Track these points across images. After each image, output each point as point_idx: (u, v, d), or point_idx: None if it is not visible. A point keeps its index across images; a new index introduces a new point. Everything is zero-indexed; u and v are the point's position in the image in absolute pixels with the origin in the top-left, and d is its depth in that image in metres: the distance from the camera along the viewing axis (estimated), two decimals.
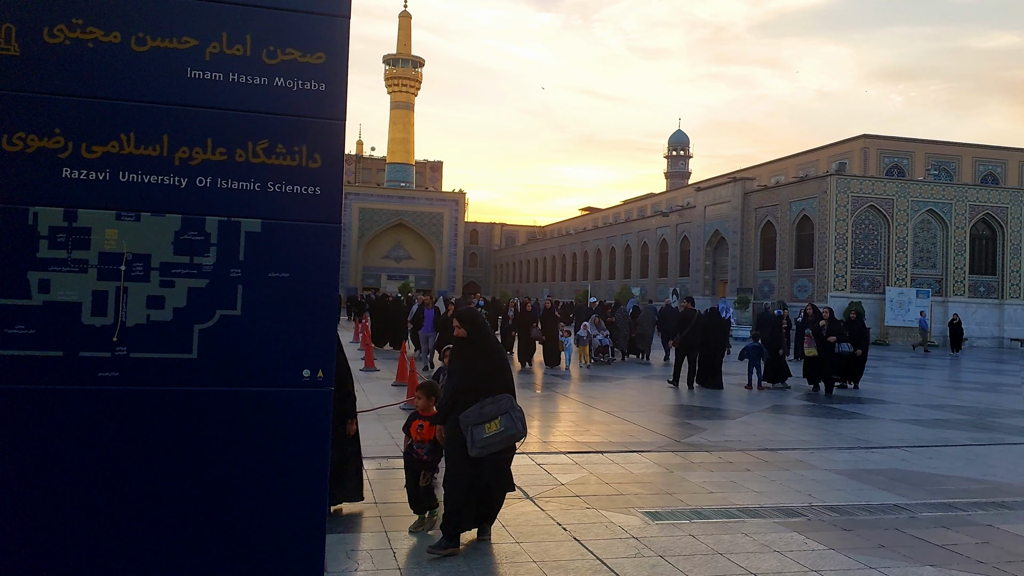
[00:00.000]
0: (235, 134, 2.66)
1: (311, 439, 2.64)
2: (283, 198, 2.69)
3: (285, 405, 2.65)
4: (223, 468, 2.59)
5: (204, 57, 2.64)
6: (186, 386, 2.59)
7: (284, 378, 2.66)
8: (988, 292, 39.23)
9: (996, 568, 5.38)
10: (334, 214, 2.72)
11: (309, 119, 2.72)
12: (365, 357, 18.73)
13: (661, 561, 5.35)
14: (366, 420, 10.66)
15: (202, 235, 2.63)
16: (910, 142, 51.29)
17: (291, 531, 2.60)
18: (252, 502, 2.60)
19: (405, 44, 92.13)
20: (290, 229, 2.69)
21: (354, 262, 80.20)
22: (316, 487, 2.62)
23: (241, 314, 2.63)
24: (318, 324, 2.69)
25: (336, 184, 2.72)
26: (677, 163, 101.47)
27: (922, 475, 8.36)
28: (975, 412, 13.82)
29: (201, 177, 2.63)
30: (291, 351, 2.67)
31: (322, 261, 2.71)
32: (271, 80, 2.69)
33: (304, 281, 2.69)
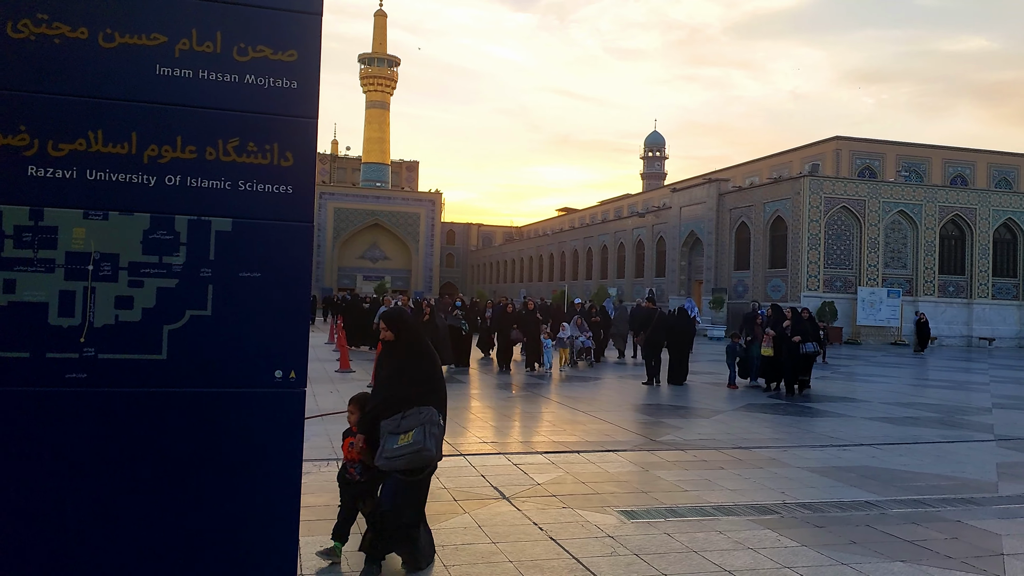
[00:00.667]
0: (205, 132, 2.62)
1: (284, 440, 2.62)
2: (254, 197, 2.65)
3: (257, 406, 2.62)
4: (194, 470, 2.56)
5: (173, 54, 2.61)
6: (155, 387, 2.55)
7: (256, 379, 2.63)
8: (957, 292, 39.84)
9: (964, 563, 5.46)
10: (306, 213, 2.69)
11: (281, 117, 2.69)
12: (340, 358, 18.61)
13: (636, 559, 5.37)
14: (340, 421, 10.58)
15: (171, 234, 2.59)
16: (881, 144, 51.96)
17: (264, 532, 2.58)
18: (224, 504, 2.57)
19: (381, 43, 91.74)
20: (261, 228, 2.66)
21: (329, 262, 79.71)
22: (289, 488, 2.60)
23: (211, 314, 2.60)
24: (290, 324, 2.66)
25: (308, 183, 2.69)
26: (653, 164, 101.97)
27: (893, 472, 8.47)
28: (944, 410, 14.03)
29: (170, 175, 2.59)
30: (263, 351, 2.64)
31: (294, 260, 2.68)
32: (242, 77, 2.66)
33: (276, 281, 2.66)
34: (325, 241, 79.59)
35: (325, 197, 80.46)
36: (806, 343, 15.43)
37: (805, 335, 15.47)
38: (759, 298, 39.83)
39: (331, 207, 79.91)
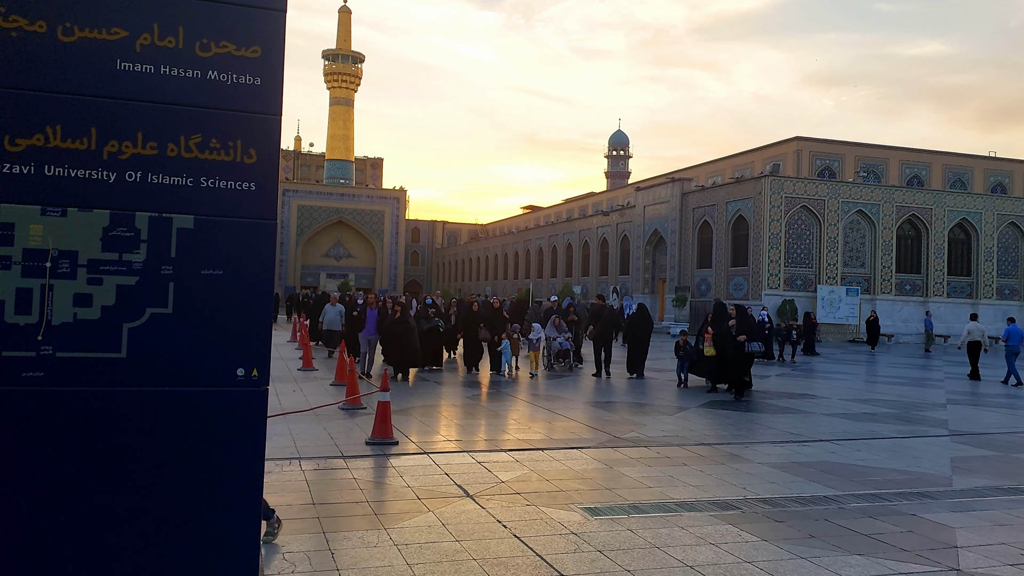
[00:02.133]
0: (167, 128, 2.59)
1: (246, 439, 2.58)
2: (217, 194, 2.62)
3: (219, 405, 2.59)
4: (154, 470, 2.52)
5: (134, 49, 2.56)
6: (115, 386, 2.51)
7: (218, 377, 2.60)
8: (914, 290, 40.73)
9: (919, 555, 5.60)
10: (270, 210, 2.67)
11: (244, 114, 2.66)
12: (303, 357, 18.45)
13: (600, 556, 5.41)
14: (304, 420, 10.52)
15: (132, 231, 2.55)
16: (841, 145, 52.90)
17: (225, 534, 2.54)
18: (185, 505, 2.53)
19: (345, 39, 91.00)
20: (224, 226, 2.63)
21: (293, 260, 78.92)
22: (251, 488, 2.57)
23: (173, 312, 2.56)
24: (253, 322, 2.63)
25: (272, 180, 2.67)
26: (617, 163, 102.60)
27: (851, 467, 8.65)
28: (901, 406, 14.34)
29: (131, 172, 2.55)
30: (225, 350, 2.61)
31: (257, 258, 2.65)
32: (204, 73, 2.63)
33: (239, 279, 2.63)
34: (288, 239, 78.79)
35: (288, 194, 79.62)
36: (751, 343, 14.80)
37: (750, 334, 14.89)
38: (721, 296, 40.31)
39: (295, 204, 79.11)
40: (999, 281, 42.23)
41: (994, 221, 41.97)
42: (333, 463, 8.14)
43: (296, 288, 66.95)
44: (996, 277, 42.10)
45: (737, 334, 14.76)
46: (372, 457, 8.51)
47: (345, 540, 5.66)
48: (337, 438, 9.52)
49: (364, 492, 7.02)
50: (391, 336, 15.86)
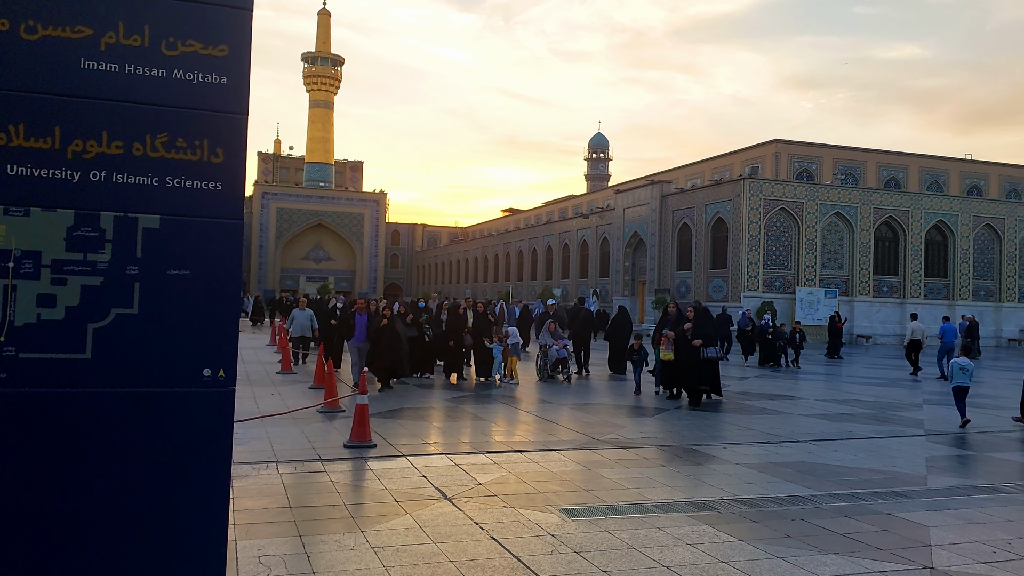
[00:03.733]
0: (132, 127, 2.55)
1: (212, 440, 2.56)
2: (183, 193, 2.60)
3: (185, 406, 2.56)
4: (120, 471, 2.48)
5: (99, 47, 2.53)
6: (80, 387, 2.47)
7: (184, 378, 2.57)
8: (891, 292, 41.15)
9: (894, 554, 5.65)
10: (237, 210, 2.64)
11: (211, 113, 2.64)
12: (282, 360, 18.33)
13: (577, 557, 5.41)
14: (281, 423, 10.45)
15: (96, 231, 2.51)
16: (819, 147, 53.36)
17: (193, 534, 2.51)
18: (151, 505, 2.50)
19: (324, 42, 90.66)
20: (190, 225, 2.60)
21: (272, 263, 78.47)
22: (217, 488, 2.54)
23: (138, 312, 2.53)
24: (220, 322, 2.60)
25: (239, 180, 2.64)
26: (597, 165, 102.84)
27: (828, 467, 8.71)
28: (878, 406, 14.47)
29: (95, 171, 2.51)
30: (191, 350, 2.58)
31: (224, 258, 2.63)
32: (171, 72, 2.60)
33: (205, 279, 2.60)
34: (268, 242, 78.32)
35: (268, 197, 79.18)
36: (708, 347, 13.53)
37: (708, 338, 13.61)
38: (701, 298, 40.52)
39: (274, 207, 78.69)
40: (975, 282, 42.76)
41: (970, 223, 42.51)
42: (310, 466, 8.09)
43: (276, 291, 66.57)
44: (972, 279, 42.63)
45: (693, 337, 13.51)
46: (350, 460, 8.46)
47: (321, 543, 5.62)
48: (315, 441, 9.46)
49: (341, 495, 6.99)
50: (378, 343, 14.88)
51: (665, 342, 14.14)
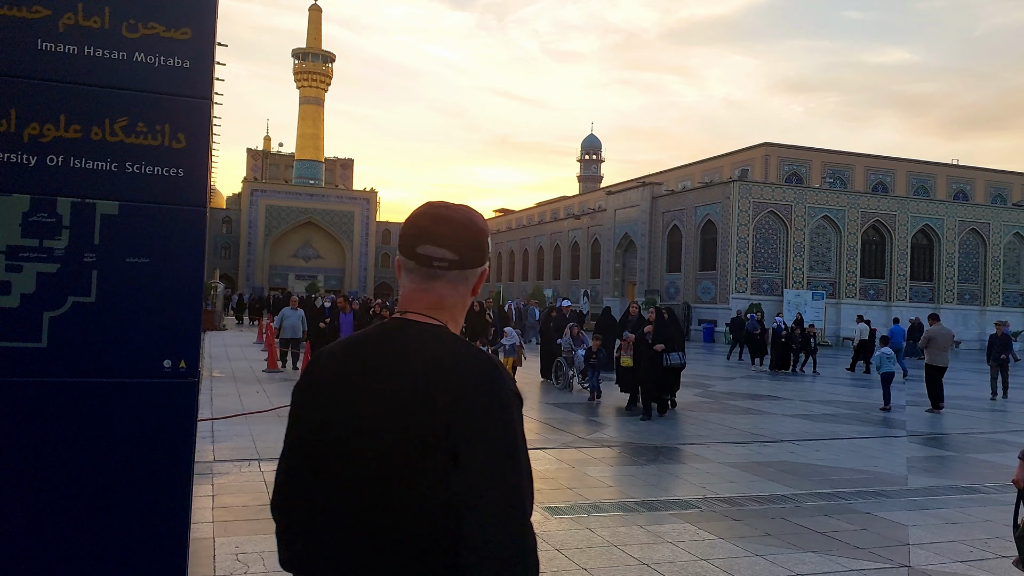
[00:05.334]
0: (91, 111, 2.50)
1: (173, 432, 2.51)
2: (143, 179, 2.54)
3: (145, 397, 2.51)
4: (77, 463, 2.44)
5: (57, 28, 2.48)
6: (35, 377, 2.42)
7: (143, 369, 2.52)
8: (877, 294, 41.35)
9: (872, 552, 5.66)
10: (199, 197, 2.59)
11: (172, 97, 2.59)
12: (268, 358, 18.23)
13: (558, 555, 5.40)
14: (266, 421, 10.38)
15: (53, 217, 2.46)
16: (808, 151, 53.57)
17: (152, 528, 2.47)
18: (110, 498, 2.46)
19: (315, 38, 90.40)
20: (150, 212, 2.55)
21: (260, 261, 78.16)
22: (179, 483, 2.50)
23: (96, 301, 2.48)
24: (181, 312, 2.55)
25: (201, 166, 2.60)
26: (590, 167, 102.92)
27: (809, 466, 8.73)
28: (861, 407, 14.53)
29: (52, 155, 2.46)
30: (151, 340, 2.53)
31: (186, 246, 2.58)
32: (131, 55, 2.55)
33: (166, 267, 2.55)
34: (257, 239, 78.05)
35: (257, 194, 78.89)
36: (671, 353, 12.28)
37: (670, 342, 12.36)
38: (689, 300, 40.63)
39: (263, 204, 78.40)
40: (960, 286, 43.02)
41: (955, 228, 42.77)
42: None
43: (265, 289, 66.34)
44: (957, 282, 42.88)
45: (654, 341, 12.24)
46: None
47: None
48: None
49: None
50: None
51: (624, 347, 13.03)
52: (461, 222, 1.60)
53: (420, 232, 1.58)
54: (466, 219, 1.61)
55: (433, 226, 1.58)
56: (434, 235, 1.57)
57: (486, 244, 1.64)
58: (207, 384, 14.54)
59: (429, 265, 1.58)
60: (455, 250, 1.58)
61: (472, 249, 1.60)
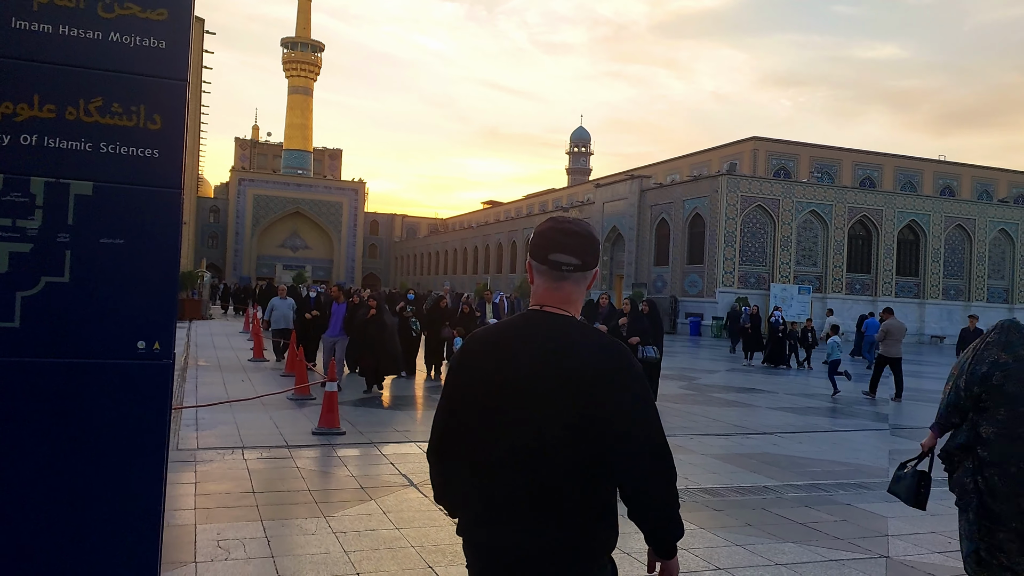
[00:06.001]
0: (65, 90, 2.48)
1: (147, 414, 2.50)
2: (118, 160, 2.52)
3: (118, 378, 2.49)
4: (50, 444, 2.42)
5: (32, 7, 2.45)
6: (7, 356, 2.40)
7: (117, 350, 2.50)
8: (863, 289, 41.61)
9: (851, 543, 5.71)
10: (174, 178, 2.57)
11: (148, 78, 2.56)
12: (254, 347, 18.18)
13: None
14: (250, 409, 10.37)
15: (26, 196, 2.44)
16: (796, 145, 53.78)
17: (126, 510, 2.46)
18: (82, 481, 2.44)
19: (304, 27, 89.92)
20: (125, 193, 2.53)
21: (248, 250, 77.85)
22: (152, 464, 2.49)
23: (69, 281, 2.46)
24: (156, 294, 2.54)
25: (177, 147, 2.58)
26: (579, 159, 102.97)
27: (791, 458, 8.79)
28: (844, 400, 14.64)
29: (26, 135, 2.44)
30: (125, 321, 2.51)
31: (161, 228, 2.56)
32: (106, 35, 2.52)
33: (141, 248, 2.53)
34: (244, 229, 77.71)
35: (245, 183, 78.52)
36: (646, 347, 11.71)
37: (644, 336, 11.79)
38: (676, 293, 40.75)
39: (251, 194, 78.03)
40: (945, 282, 43.35)
41: (942, 223, 43.06)
42: (277, 452, 8.03)
43: (252, 278, 66.08)
44: (942, 278, 43.21)
45: (628, 335, 11.65)
46: (318, 447, 8.41)
47: (282, 527, 5.59)
48: (283, 428, 9.39)
49: (306, 481, 6.94)
50: (364, 338, 12.85)
51: None
52: (582, 234, 2.02)
53: (551, 243, 2.01)
54: (586, 231, 2.04)
55: (562, 238, 2.00)
56: (562, 245, 2.00)
57: (599, 250, 2.07)
58: (192, 372, 14.49)
59: (559, 269, 2.00)
60: (578, 256, 2.00)
61: (590, 255, 2.02)
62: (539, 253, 2.04)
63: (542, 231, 2.04)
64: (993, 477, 4.57)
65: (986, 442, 4.63)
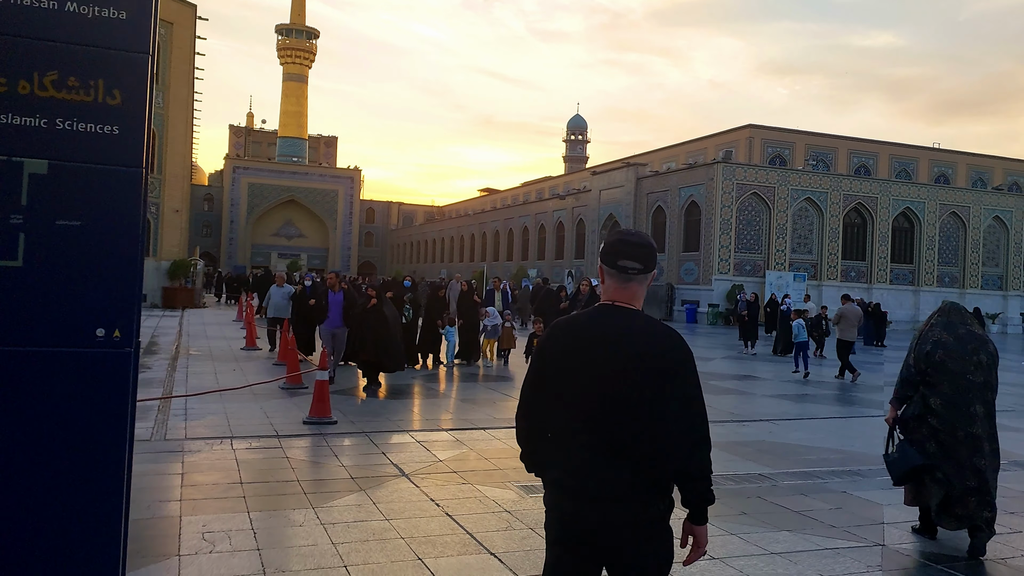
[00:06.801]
0: (18, 63, 2.35)
1: (107, 404, 2.38)
2: (75, 137, 2.39)
3: (77, 367, 2.37)
4: (3, 436, 2.31)
5: None
6: None
7: (75, 337, 2.38)
8: (858, 276, 41.56)
9: (847, 531, 5.65)
10: (135, 157, 2.44)
11: (107, 51, 2.42)
12: (247, 336, 18.08)
13: (532, 534, 5.34)
14: (240, 399, 10.27)
15: None
16: (792, 133, 53.61)
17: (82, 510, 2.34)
18: (35, 478, 2.33)
19: (299, 14, 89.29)
20: (83, 172, 2.40)
21: (242, 239, 77.57)
22: (113, 457, 2.37)
23: (23, 265, 2.34)
24: (116, 279, 2.41)
25: (139, 124, 2.45)
26: (575, 147, 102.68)
27: (787, 446, 8.72)
28: (839, 387, 14.59)
29: None
30: (83, 308, 2.38)
31: (121, 209, 2.43)
32: (62, 5, 2.39)
33: (99, 231, 2.40)
34: (239, 217, 77.41)
35: (239, 171, 78.17)
36: None
37: None
38: (672, 281, 40.67)
39: (245, 182, 77.68)
40: (940, 269, 43.33)
41: (936, 211, 42.99)
42: (266, 442, 7.94)
43: (247, 267, 65.88)
44: (937, 265, 43.18)
45: None
46: (308, 436, 8.33)
47: (270, 519, 5.50)
48: (273, 417, 9.30)
49: (296, 471, 6.86)
50: (363, 330, 11.92)
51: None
52: (644, 244, 2.54)
53: (619, 251, 2.52)
54: (647, 242, 2.55)
55: (627, 248, 2.51)
56: (628, 253, 2.51)
57: (656, 256, 2.57)
58: (183, 361, 14.38)
59: (626, 272, 2.50)
60: (641, 262, 2.50)
61: (651, 260, 2.53)
62: (610, 259, 2.53)
63: (612, 242, 2.55)
64: (945, 441, 5.31)
65: (935, 412, 5.38)
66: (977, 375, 5.32)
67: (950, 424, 5.30)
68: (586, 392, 2.42)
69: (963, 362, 5.31)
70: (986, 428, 5.34)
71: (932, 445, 5.38)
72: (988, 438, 5.34)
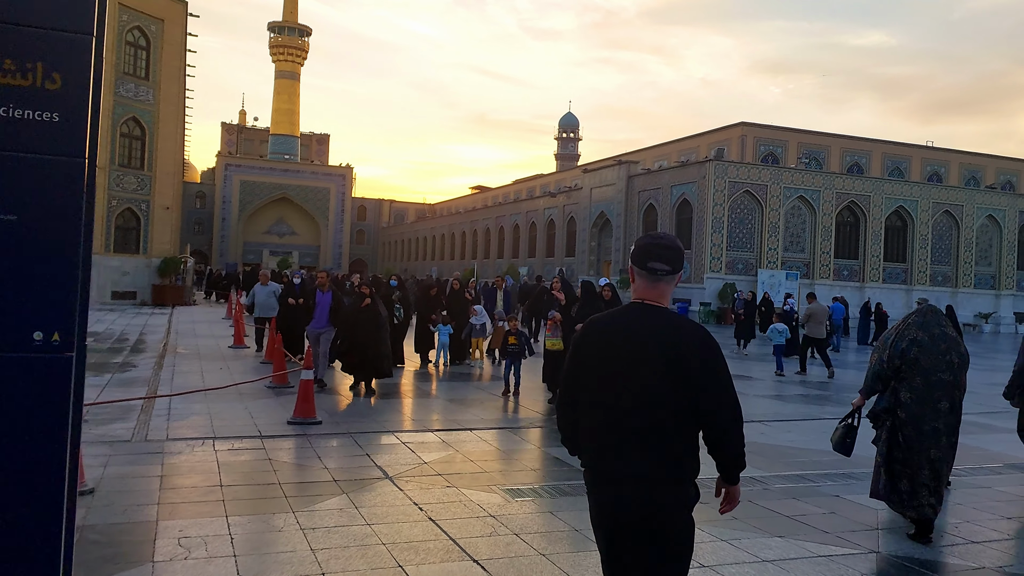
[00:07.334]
0: None
1: (45, 413, 2.21)
2: (9, 124, 2.21)
3: (12, 373, 2.21)
4: None
5: None
6: None
7: (9, 342, 2.21)
8: (851, 275, 41.55)
9: (839, 537, 5.53)
10: (78, 146, 2.27)
11: (46, 31, 2.25)
12: (235, 334, 17.88)
13: (516, 539, 5.21)
14: (225, 399, 10.10)
15: None
16: (784, 131, 53.57)
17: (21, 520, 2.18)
18: None
19: (291, 11, 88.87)
20: (19, 162, 2.22)
21: (234, 236, 77.18)
22: (52, 469, 2.21)
23: None
24: (55, 278, 2.24)
25: (80, 110, 2.28)
26: (567, 145, 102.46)
27: (779, 448, 8.61)
28: (833, 388, 14.50)
29: None
30: (19, 309, 2.21)
31: (61, 202, 2.25)
32: None
33: (38, 226, 2.23)
34: (231, 214, 77.04)
35: (231, 169, 77.78)
36: None
37: None
38: None
39: (237, 179, 77.28)
40: (932, 268, 43.36)
41: (929, 209, 43.01)
42: (249, 443, 7.78)
43: (238, 265, 65.54)
44: (930, 264, 43.21)
45: (577, 319, 10.15)
46: (292, 437, 8.17)
47: (249, 524, 5.35)
48: (257, 417, 9.14)
49: (278, 474, 6.70)
50: (354, 332, 11.29)
51: (551, 328, 11.44)
52: (672, 247, 2.75)
53: (649, 253, 2.73)
54: (675, 245, 2.77)
55: (657, 250, 2.73)
56: (657, 255, 2.72)
57: (684, 258, 2.79)
58: (170, 360, 14.19)
59: (655, 273, 2.72)
60: (669, 264, 2.72)
61: (679, 262, 2.74)
62: (640, 261, 2.75)
63: (642, 245, 2.77)
64: (910, 434, 5.62)
65: (904, 405, 5.67)
66: (947, 374, 5.63)
67: (917, 418, 5.61)
68: (620, 384, 2.62)
69: (935, 360, 5.62)
70: (949, 423, 5.70)
71: (899, 436, 5.71)
72: (948, 432, 5.70)
